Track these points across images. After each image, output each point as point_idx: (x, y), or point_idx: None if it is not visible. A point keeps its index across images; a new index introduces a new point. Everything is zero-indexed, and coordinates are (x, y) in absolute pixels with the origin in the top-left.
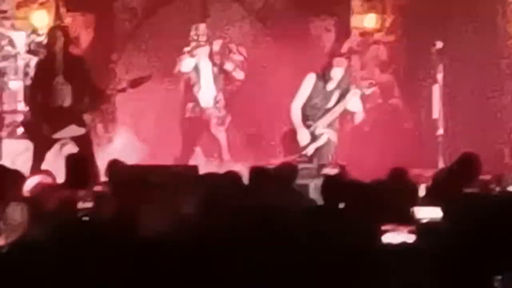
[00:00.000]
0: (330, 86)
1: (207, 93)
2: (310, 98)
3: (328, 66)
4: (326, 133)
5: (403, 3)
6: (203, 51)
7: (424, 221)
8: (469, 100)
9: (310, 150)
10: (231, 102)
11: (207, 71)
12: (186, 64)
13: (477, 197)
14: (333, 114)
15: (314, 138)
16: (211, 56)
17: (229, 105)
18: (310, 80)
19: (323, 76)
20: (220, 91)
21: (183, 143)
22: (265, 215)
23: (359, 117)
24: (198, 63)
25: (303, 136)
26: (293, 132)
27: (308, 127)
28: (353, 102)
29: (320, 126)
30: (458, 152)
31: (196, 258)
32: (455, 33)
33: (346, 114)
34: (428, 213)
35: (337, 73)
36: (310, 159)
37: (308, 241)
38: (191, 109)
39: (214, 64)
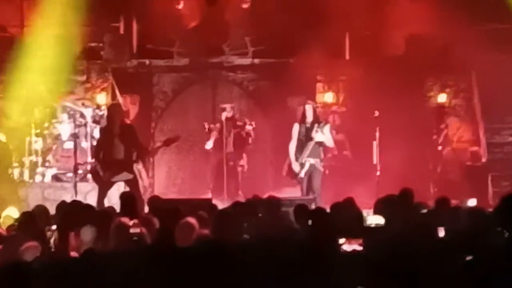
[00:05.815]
0: (308, 122)
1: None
2: (299, 139)
3: (304, 111)
4: (308, 161)
5: (351, 85)
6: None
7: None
8: (400, 149)
9: (301, 174)
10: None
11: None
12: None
13: None
14: (309, 146)
15: (302, 166)
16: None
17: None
18: (295, 127)
19: (303, 119)
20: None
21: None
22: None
23: (330, 146)
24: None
25: (295, 166)
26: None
27: (296, 159)
28: (324, 135)
29: (304, 157)
30: (392, 187)
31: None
32: (390, 104)
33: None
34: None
35: (309, 110)
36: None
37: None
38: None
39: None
